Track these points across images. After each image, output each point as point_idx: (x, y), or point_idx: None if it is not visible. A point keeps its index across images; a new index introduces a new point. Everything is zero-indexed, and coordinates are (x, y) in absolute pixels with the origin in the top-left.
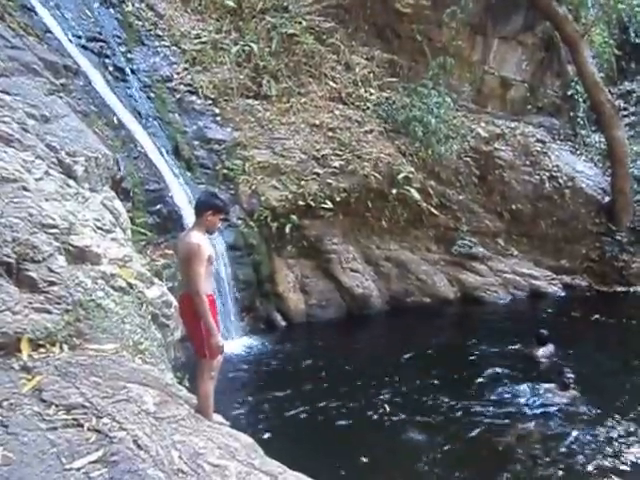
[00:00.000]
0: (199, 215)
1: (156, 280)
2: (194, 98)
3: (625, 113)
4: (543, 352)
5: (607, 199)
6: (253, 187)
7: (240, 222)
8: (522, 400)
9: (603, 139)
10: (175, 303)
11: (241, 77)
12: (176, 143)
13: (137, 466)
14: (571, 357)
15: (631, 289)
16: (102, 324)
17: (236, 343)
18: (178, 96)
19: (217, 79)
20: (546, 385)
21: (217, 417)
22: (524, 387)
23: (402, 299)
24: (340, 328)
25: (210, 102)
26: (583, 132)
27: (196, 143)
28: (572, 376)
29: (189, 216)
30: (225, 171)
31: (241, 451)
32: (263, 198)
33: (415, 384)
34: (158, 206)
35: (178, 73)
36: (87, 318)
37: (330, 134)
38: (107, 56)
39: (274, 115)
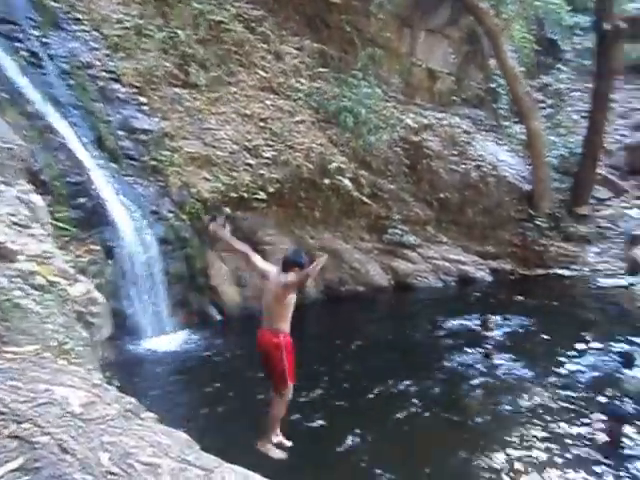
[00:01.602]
0: (286, 269)
1: (81, 277)
2: (118, 86)
3: (543, 105)
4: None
5: (528, 187)
6: (183, 179)
7: (171, 215)
8: (454, 369)
9: (523, 130)
10: (103, 300)
11: (167, 65)
12: (99, 133)
13: (62, 471)
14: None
15: (550, 271)
16: (20, 325)
17: (169, 338)
18: (100, 84)
19: (142, 66)
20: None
21: (279, 438)
22: (459, 358)
23: (337, 288)
24: None
25: (135, 90)
26: (505, 123)
27: (121, 133)
28: (494, 319)
29: (115, 210)
30: (153, 162)
31: (174, 448)
32: (194, 190)
33: (349, 371)
34: (81, 199)
35: (99, 59)
36: (3, 319)
37: (261, 124)
38: (19, 40)
39: (203, 105)
